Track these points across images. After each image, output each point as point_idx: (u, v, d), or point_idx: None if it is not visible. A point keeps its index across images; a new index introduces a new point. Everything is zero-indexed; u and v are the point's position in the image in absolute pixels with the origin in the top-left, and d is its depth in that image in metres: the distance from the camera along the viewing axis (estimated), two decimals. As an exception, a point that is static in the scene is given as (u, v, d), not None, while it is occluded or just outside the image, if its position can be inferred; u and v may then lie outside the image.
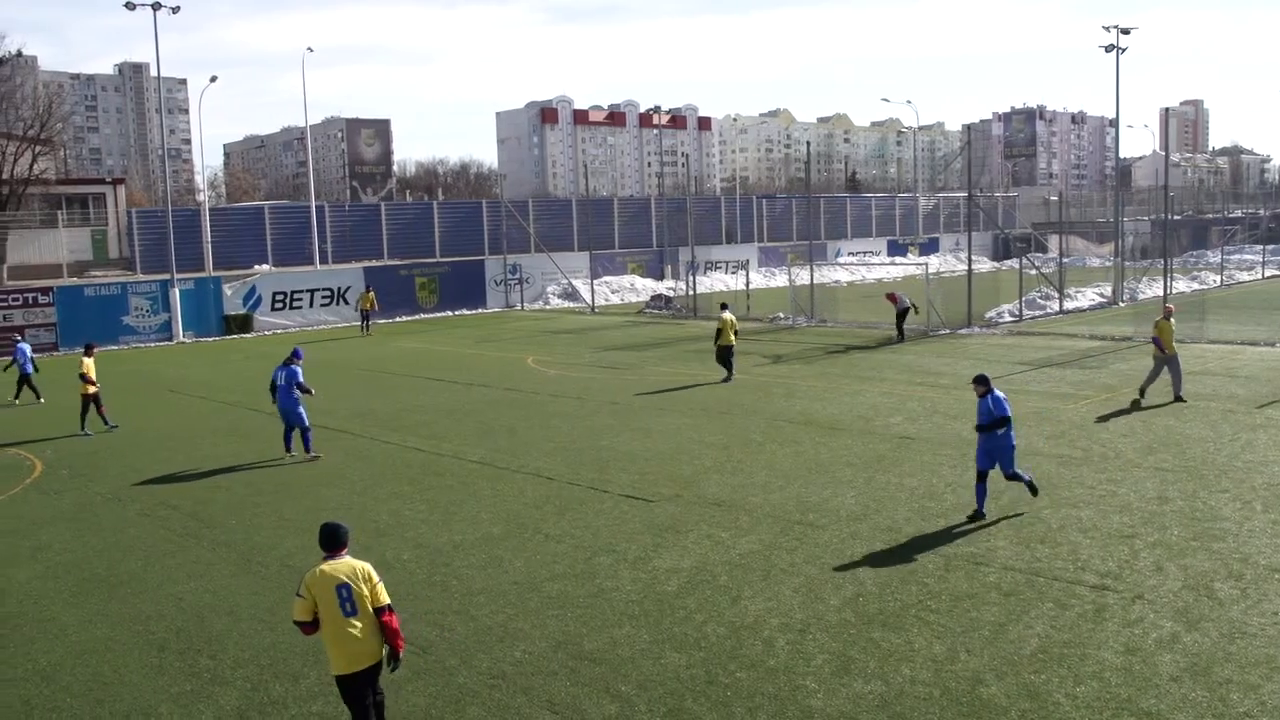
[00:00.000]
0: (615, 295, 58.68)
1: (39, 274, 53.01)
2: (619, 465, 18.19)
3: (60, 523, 16.33)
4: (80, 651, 11.09)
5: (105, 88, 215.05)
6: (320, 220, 59.13)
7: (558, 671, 10.01)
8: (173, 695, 9.94)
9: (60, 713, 9.69)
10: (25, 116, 61.85)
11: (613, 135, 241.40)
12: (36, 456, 21.48)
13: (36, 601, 12.69)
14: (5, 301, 43.25)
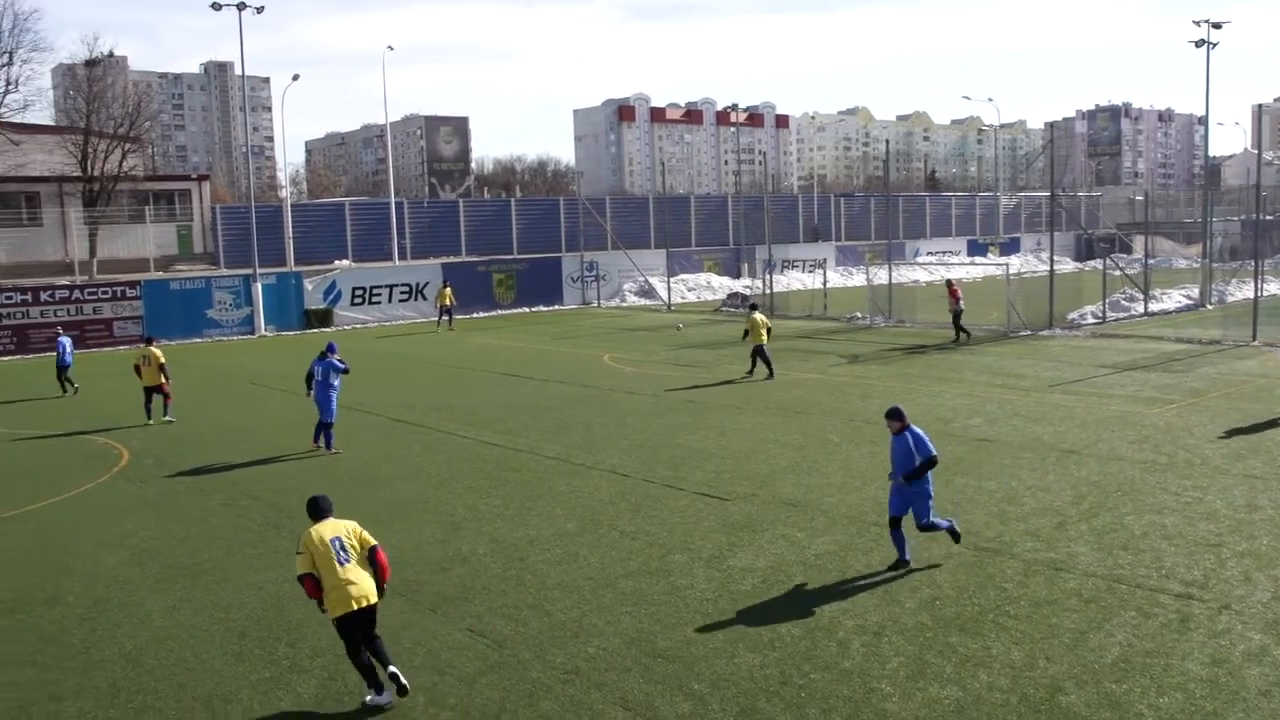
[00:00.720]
0: (691, 293, 58.64)
1: (127, 268, 54.24)
2: (694, 463, 18.18)
3: (145, 510, 16.70)
4: (164, 636, 11.33)
5: (192, 86, 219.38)
6: (399, 217, 59.79)
7: (631, 668, 10.03)
8: (252, 682, 10.12)
9: (145, 695, 9.91)
10: (116, 115, 63.24)
11: (690, 133, 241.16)
12: (124, 446, 21.97)
13: (123, 587, 12.99)
14: (95, 294, 44.33)
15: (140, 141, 66.42)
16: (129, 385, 26.02)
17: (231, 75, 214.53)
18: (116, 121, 62.42)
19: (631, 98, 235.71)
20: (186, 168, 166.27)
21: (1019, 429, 20.20)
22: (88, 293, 44.41)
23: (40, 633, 11.62)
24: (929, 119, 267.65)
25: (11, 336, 42.01)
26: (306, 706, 9.56)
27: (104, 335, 43.77)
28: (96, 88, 63.00)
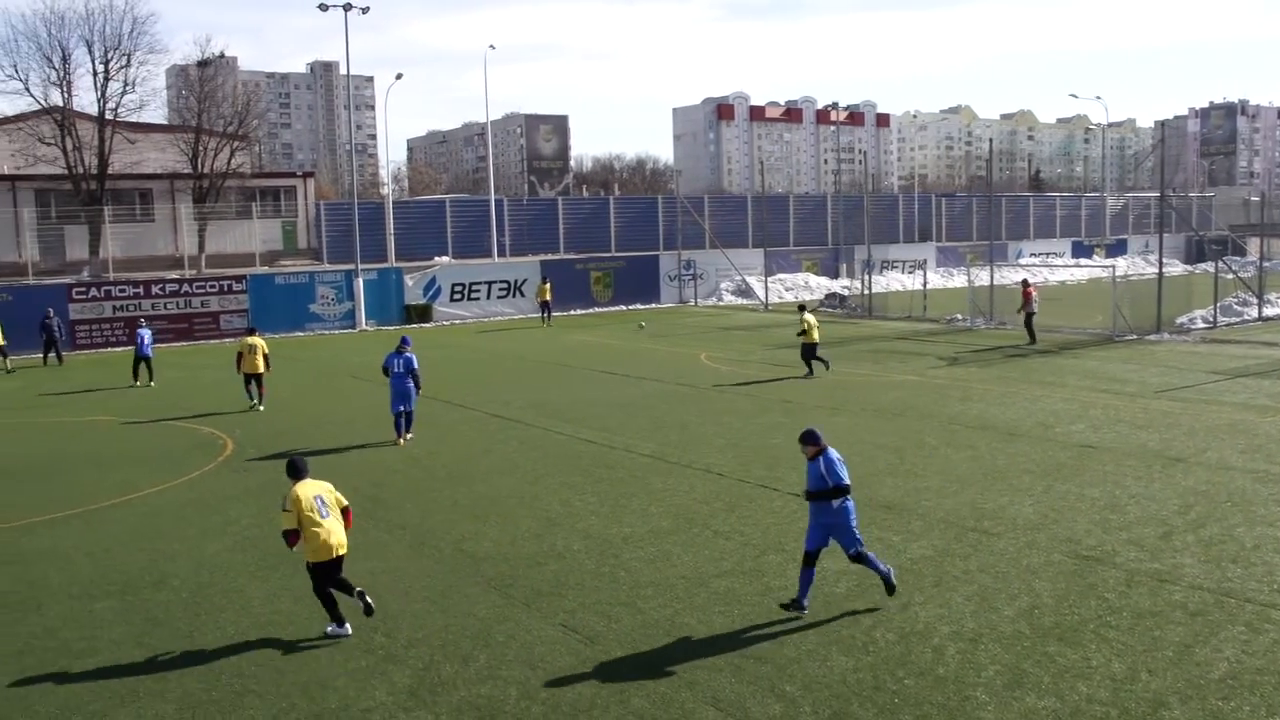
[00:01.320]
0: (789, 293, 58.30)
1: (233, 263, 55.58)
2: (789, 464, 18.05)
3: (248, 499, 17.09)
4: (264, 623, 11.58)
5: (298, 86, 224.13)
6: (499, 214, 60.37)
7: (722, 668, 10.00)
8: (349, 670, 10.29)
9: (245, 679, 10.13)
10: (225, 114, 64.81)
11: (789, 132, 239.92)
12: (228, 436, 22.50)
13: (225, 573, 13.31)
14: (203, 288, 45.52)
15: (248, 139, 68.00)
16: (233, 376, 26.68)
17: (336, 75, 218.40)
18: (226, 120, 63.99)
19: (730, 96, 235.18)
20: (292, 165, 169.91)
21: (1123, 435, 19.73)
22: (196, 286, 45.62)
23: (147, 615, 11.96)
24: (1034, 117, 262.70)
25: (124, 328, 43.24)
26: (400, 695, 9.70)
27: (211, 328, 44.91)
28: (208, 88, 64.63)
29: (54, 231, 57.83)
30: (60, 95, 59.04)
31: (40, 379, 34.17)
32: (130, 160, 60.26)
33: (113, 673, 10.43)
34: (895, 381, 26.96)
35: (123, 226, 57.59)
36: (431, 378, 29.49)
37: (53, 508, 17.02)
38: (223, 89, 68.30)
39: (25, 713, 9.58)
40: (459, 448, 20.55)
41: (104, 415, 26.26)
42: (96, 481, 18.86)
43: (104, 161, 58.74)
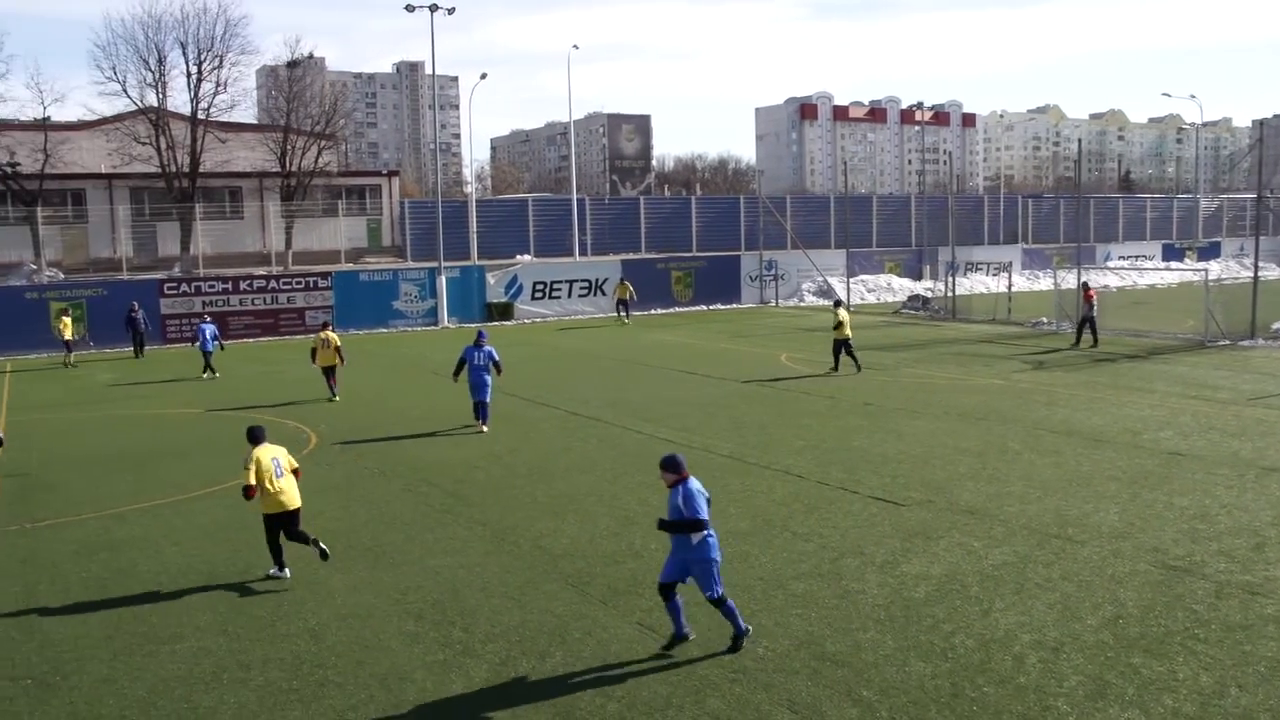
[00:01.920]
0: (871, 294, 57.83)
1: (319, 259, 56.47)
2: (870, 467, 17.92)
3: (331, 493, 17.34)
4: (344, 615, 11.74)
5: (384, 85, 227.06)
6: (581, 213, 60.60)
7: (799, 670, 9.94)
8: (426, 664, 10.40)
9: (325, 670, 10.29)
10: (313, 113, 65.91)
11: (873, 132, 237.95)
12: (312, 430, 22.87)
13: (308, 565, 13.51)
14: (290, 284, 46.32)
15: (335, 139, 69.08)
16: (317, 373, 27.14)
17: (421, 75, 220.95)
18: (314, 120, 65.08)
19: (814, 96, 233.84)
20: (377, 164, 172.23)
21: (1214, 443, 19.26)
22: (282, 283, 46.44)
23: (232, 604, 12.19)
24: (1124, 117, 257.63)
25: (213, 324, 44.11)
26: (477, 689, 9.78)
27: (296, 323, 45.67)
28: (296, 88, 65.78)
29: (147, 228, 59.22)
30: (155, 96, 60.48)
31: (130, 371, 35.03)
32: (221, 159, 61.53)
33: (198, 658, 10.65)
34: (978, 385, 26.61)
35: (213, 224, 58.78)
36: (512, 376, 29.78)
37: (143, 497, 17.44)
38: (311, 89, 69.49)
39: (115, 695, 9.83)
40: (539, 445, 20.67)
41: (191, 408, 26.84)
42: (184, 472, 19.28)
43: (196, 160, 60.03)
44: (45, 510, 16.80)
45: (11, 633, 11.56)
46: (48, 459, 21.04)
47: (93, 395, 30.01)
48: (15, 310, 40.57)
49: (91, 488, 18.32)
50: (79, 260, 57.78)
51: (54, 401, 29.09)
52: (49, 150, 57.62)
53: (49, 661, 10.72)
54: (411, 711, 9.40)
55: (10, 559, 14.28)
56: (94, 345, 41.66)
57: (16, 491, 18.22)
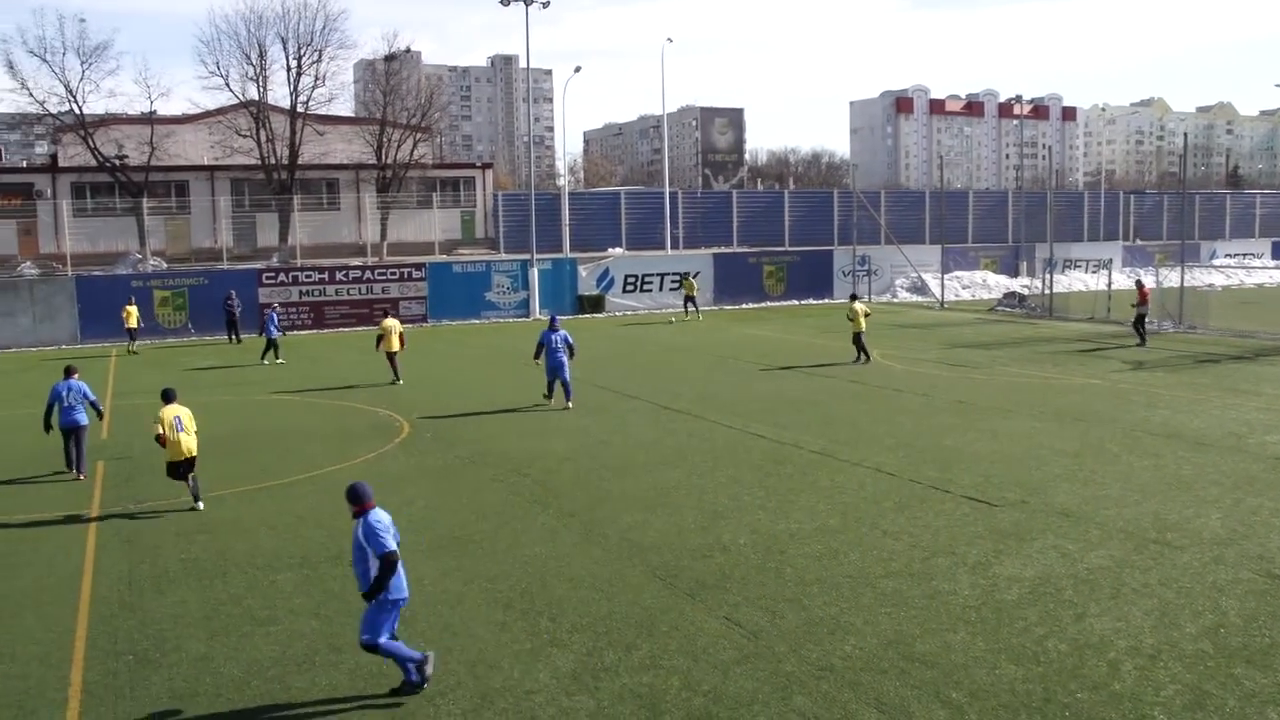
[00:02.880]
0: (966, 291, 56.99)
1: (413, 251, 57.27)
2: (962, 466, 17.66)
3: (423, 481, 17.56)
4: (434, 601, 11.87)
5: (478, 79, 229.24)
6: (673, 206, 60.66)
7: (887, 670, 9.83)
8: (513, 652, 10.47)
9: (417, 658, 10.41)
10: (409, 107, 66.83)
11: (969, 125, 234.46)
12: (405, 419, 23.17)
13: (400, 551, 13.65)
14: (384, 275, 46.99)
15: (430, 131, 69.96)
16: (407, 361, 27.61)
17: (516, 68, 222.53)
18: (410, 113, 65.96)
19: (910, 89, 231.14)
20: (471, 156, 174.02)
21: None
22: (377, 273, 47.14)
23: (325, 588, 12.40)
24: (1233, 110, 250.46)
25: (309, 313, 45.01)
26: (563, 679, 9.82)
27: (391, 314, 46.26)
28: (393, 81, 66.73)
29: (247, 219, 60.55)
30: (256, 90, 61.85)
31: (227, 357, 35.81)
32: (318, 151, 62.65)
33: (291, 641, 10.85)
34: (1075, 385, 26.08)
35: (310, 215, 59.88)
36: (602, 368, 30.03)
37: (240, 482, 17.82)
38: (407, 82, 70.46)
39: (212, 674, 10.05)
40: (629, 438, 20.72)
41: (287, 394, 27.36)
42: (280, 458, 19.67)
43: (294, 152, 61.21)
44: (147, 493, 17.25)
45: (114, 609, 11.90)
46: (150, 443, 21.55)
47: (191, 381, 30.72)
48: (121, 298, 41.66)
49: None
50: (181, 250, 59.32)
51: (155, 387, 29.74)
52: (155, 143, 59.20)
53: (150, 638, 11.01)
54: (498, 699, 9.48)
55: (115, 539, 14.69)
56: (194, 332, 42.72)
57: (121, 474, 18.75)
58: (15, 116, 64.22)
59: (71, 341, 41.67)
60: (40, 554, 14.18)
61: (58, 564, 13.70)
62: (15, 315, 41.53)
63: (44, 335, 41.54)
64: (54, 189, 61.55)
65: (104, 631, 11.28)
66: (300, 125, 61.34)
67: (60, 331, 41.98)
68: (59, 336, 41.70)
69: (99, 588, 12.67)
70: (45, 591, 12.63)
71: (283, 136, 61.16)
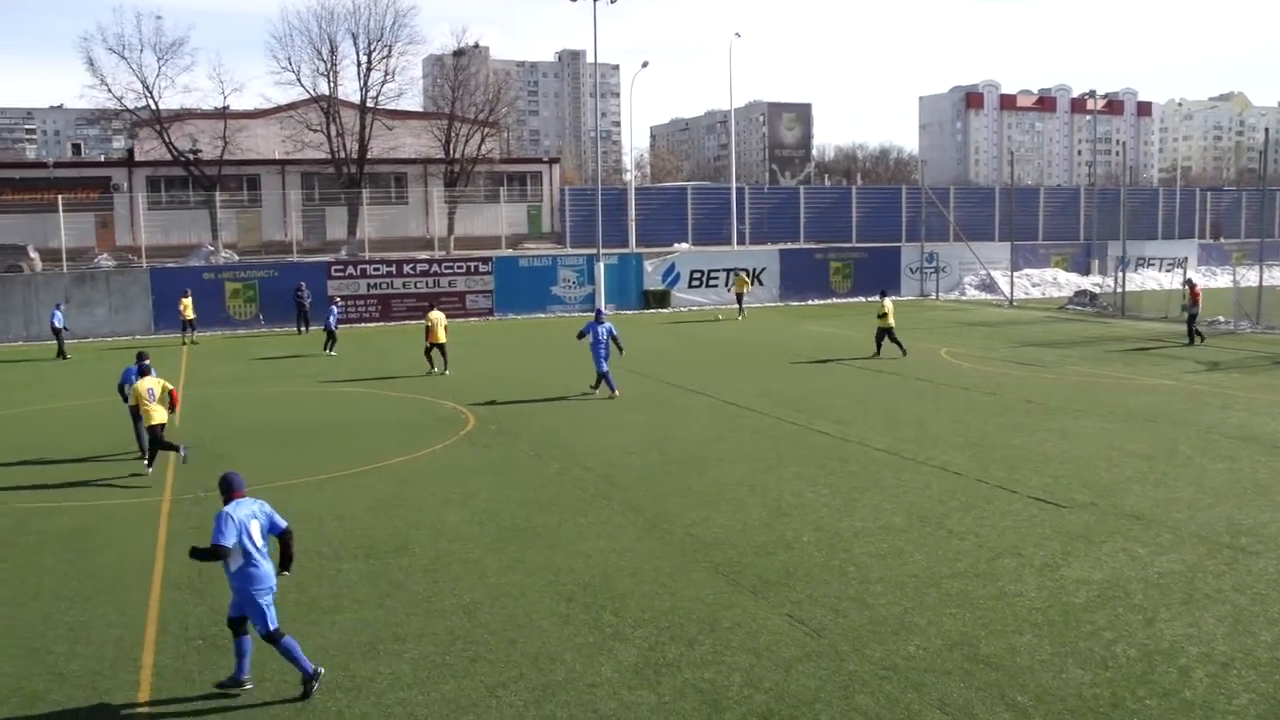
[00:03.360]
0: (1035, 289, 56.23)
1: (480, 245, 57.65)
2: (1031, 466, 17.42)
3: (488, 473, 17.66)
4: (497, 594, 11.93)
5: (546, 74, 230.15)
6: (739, 202, 60.48)
7: (951, 671, 9.72)
8: (576, 645, 10.49)
9: (478, 646, 10.47)
10: (477, 102, 67.29)
11: (1041, 121, 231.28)
12: (471, 412, 23.32)
13: (464, 543, 13.79)
14: (451, 269, 47.35)
15: (498, 126, 70.41)
16: (472, 354, 27.73)
17: (583, 63, 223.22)
18: (478, 108, 66.43)
19: (980, 84, 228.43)
20: (538, 151, 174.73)
21: (1406, 453, 18.16)
22: (444, 267, 47.51)
23: (389, 578, 12.51)
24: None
25: (377, 305, 45.48)
26: (625, 673, 9.82)
27: (457, 307, 46.61)
28: (461, 76, 67.25)
29: (316, 212, 61.35)
30: (327, 85, 62.61)
31: (297, 348, 36.27)
32: (387, 145, 63.29)
33: (356, 629, 10.96)
34: (1148, 385, 25.63)
35: (378, 208, 60.51)
36: (667, 363, 30.08)
37: (308, 471, 18.04)
38: (475, 78, 70.97)
39: (277, 660, 10.17)
40: (693, 433, 20.68)
41: (354, 387, 27.66)
42: (347, 449, 19.88)
43: (364, 147, 61.87)
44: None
45: (185, 595, 12.11)
46: (220, 431, 21.95)
47: (261, 371, 31.18)
48: (194, 290, 42.38)
49: (260, 460, 19.03)
50: (253, 242, 60.25)
51: (226, 377, 30.32)
52: (227, 137, 60.18)
53: (218, 624, 11.14)
54: (560, 691, 9.50)
55: (184, 526, 14.93)
56: (265, 323, 43.35)
57: (193, 462, 19.04)
58: (94, 112, 65.57)
59: (145, 332, 42.44)
60: (115, 539, 14.46)
61: (131, 549, 13.96)
62: (92, 306, 42.39)
63: (119, 325, 42.37)
64: (130, 183, 62.80)
65: (175, 616, 11.48)
66: (370, 120, 61.99)
67: (135, 322, 42.79)
68: (134, 327, 42.50)
69: (170, 573, 12.89)
70: (120, 575, 12.88)
71: (352, 131, 61.84)
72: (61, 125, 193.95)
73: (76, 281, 43.46)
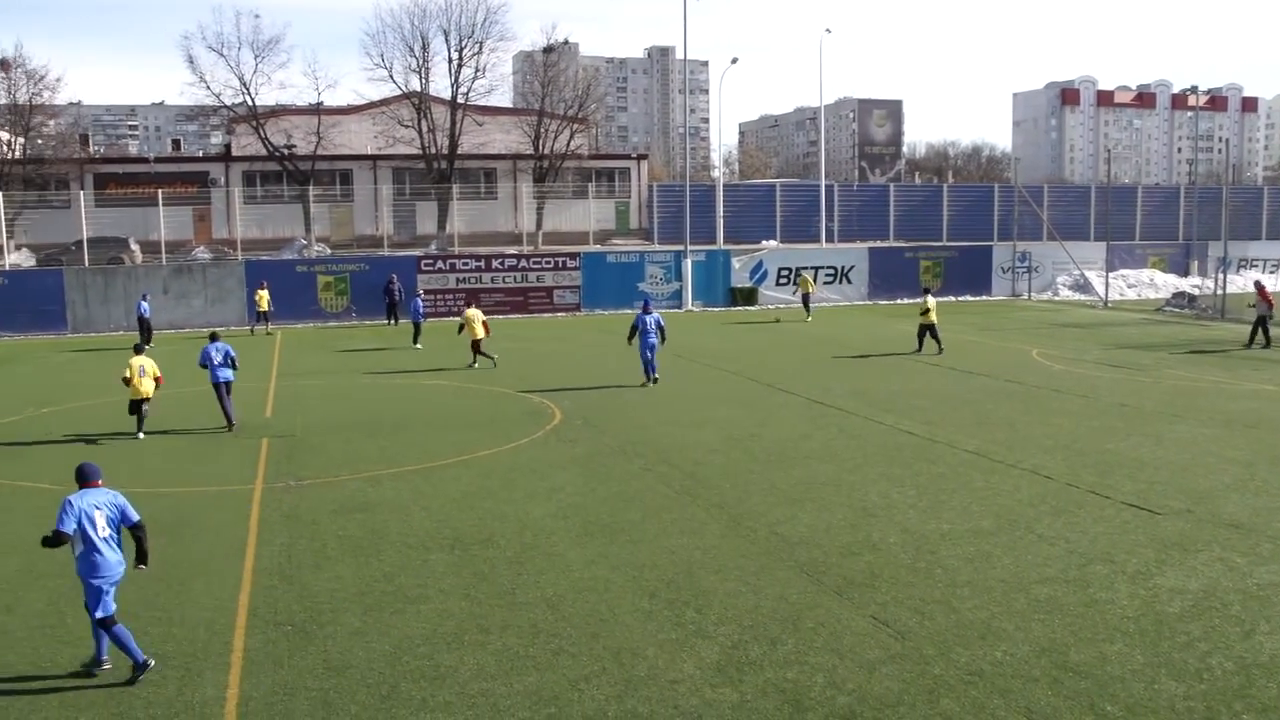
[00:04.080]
0: (1131, 290, 55.05)
1: (568, 240, 57.90)
2: (1124, 471, 17.05)
3: (573, 468, 17.74)
4: (581, 588, 11.98)
5: (635, 70, 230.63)
6: (828, 199, 60.00)
7: (1039, 679, 9.55)
8: (659, 641, 10.49)
9: (560, 639, 10.52)
10: (567, 98, 67.59)
11: (1139, 118, 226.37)
12: (557, 406, 23.45)
13: (548, 537, 13.86)
14: (539, 264, 47.66)
15: (587, 122, 70.70)
16: (559, 349, 27.88)
17: (672, 59, 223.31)
18: (567, 104, 66.72)
19: (1076, 80, 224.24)
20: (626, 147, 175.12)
21: None
22: (532, 262, 47.85)
23: (475, 570, 12.62)
24: None
25: (465, 300, 45.89)
26: (708, 671, 9.80)
27: (545, 302, 46.99)
28: (551, 73, 67.59)
29: (407, 207, 62.10)
30: (419, 81, 63.30)
31: (386, 340, 36.78)
32: (477, 141, 63.84)
33: (441, 620, 11.07)
34: (1248, 390, 24.95)
35: (468, 204, 61.09)
36: (753, 361, 30.05)
37: (397, 462, 18.28)
38: (565, 74, 71.27)
39: (364, 647, 10.33)
40: (779, 432, 20.58)
41: (442, 380, 27.97)
42: (436, 441, 20.12)
43: (454, 142, 62.52)
44: (307, 470, 17.84)
45: (275, 581, 12.34)
46: (311, 422, 22.33)
47: (351, 363, 31.66)
48: (287, 283, 43.19)
49: (349, 451, 19.34)
50: (344, 236, 61.21)
51: (317, 369, 30.84)
52: (321, 133, 61.17)
53: (307, 610, 11.38)
54: (642, 687, 9.51)
55: (275, 514, 15.23)
56: (356, 316, 44.04)
57: (284, 451, 19.42)
58: (193, 109, 67.23)
59: (239, 323, 43.35)
60: (209, 525, 14.79)
61: (224, 535, 14.26)
62: (189, 297, 43.44)
63: (214, 317, 43.30)
64: (227, 177, 64.17)
65: (265, 601, 11.70)
66: (460, 116, 62.58)
67: (229, 313, 43.72)
68: (228, 318, 43.40)
69: (261, 559, 13.16)
70: (213, 560, 13.17)
71: (443, 127, 62.49)
72: (162, 121, 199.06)
73: (174, 274, 44.57)
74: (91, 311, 42.80)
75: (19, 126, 59.72)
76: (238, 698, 9.43)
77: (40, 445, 20.61)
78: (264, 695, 9.47)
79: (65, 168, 61.54)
